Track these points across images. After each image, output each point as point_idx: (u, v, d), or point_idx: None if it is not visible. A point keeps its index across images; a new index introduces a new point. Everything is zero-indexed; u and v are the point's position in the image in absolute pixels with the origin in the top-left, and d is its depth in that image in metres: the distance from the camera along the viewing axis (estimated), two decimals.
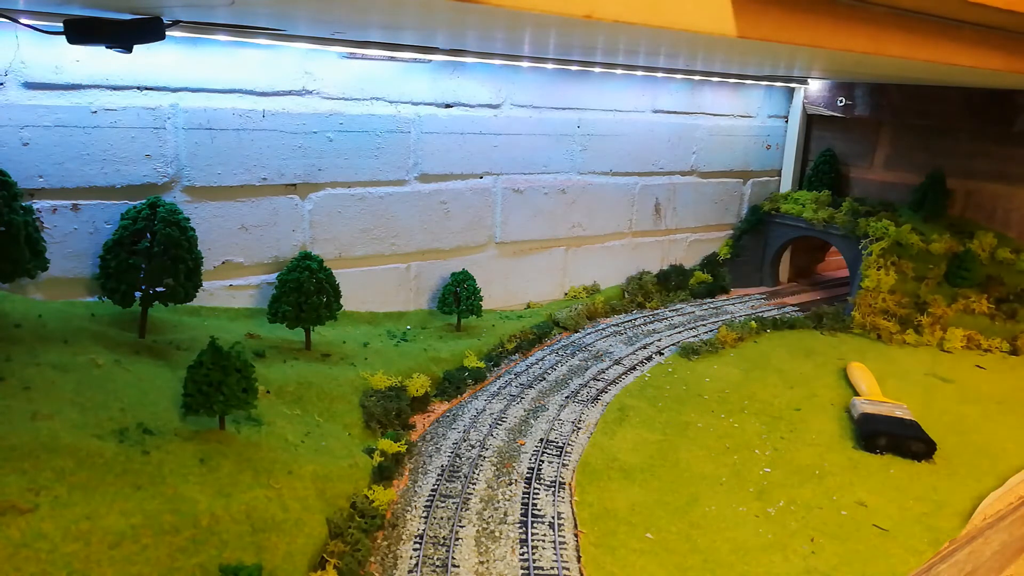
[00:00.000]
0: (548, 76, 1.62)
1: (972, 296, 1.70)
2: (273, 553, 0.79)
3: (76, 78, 1.12)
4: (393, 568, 0.83)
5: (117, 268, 1.07)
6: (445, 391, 1.28)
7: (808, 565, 0.88)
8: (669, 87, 1.85)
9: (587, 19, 0.61)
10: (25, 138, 1.10)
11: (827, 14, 0.80)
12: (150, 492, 0.77)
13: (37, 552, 0.67)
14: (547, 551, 0.88)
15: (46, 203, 1.14)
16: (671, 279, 1.94)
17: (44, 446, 0.76)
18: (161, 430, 0.87)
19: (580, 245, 1.82)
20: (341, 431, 1.07)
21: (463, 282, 1.49)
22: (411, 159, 1.49)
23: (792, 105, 2.14)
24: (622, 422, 1.21)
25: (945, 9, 0.88)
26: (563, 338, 1.58)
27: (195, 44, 1.19)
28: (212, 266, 1.30)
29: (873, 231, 1.81)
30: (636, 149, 1.84)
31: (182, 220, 1.10)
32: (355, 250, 1.47)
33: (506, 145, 1.61)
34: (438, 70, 1.47)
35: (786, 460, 1.12)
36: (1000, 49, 1.04)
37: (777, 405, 1.32)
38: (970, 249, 1.74)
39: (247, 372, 0.89)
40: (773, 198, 2.12)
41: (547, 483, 1.02)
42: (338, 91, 1.36)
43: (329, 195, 1.41)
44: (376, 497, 0.93)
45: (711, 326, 1.70)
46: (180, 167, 1.24)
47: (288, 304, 1.21)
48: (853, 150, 2.10)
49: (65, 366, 0.93)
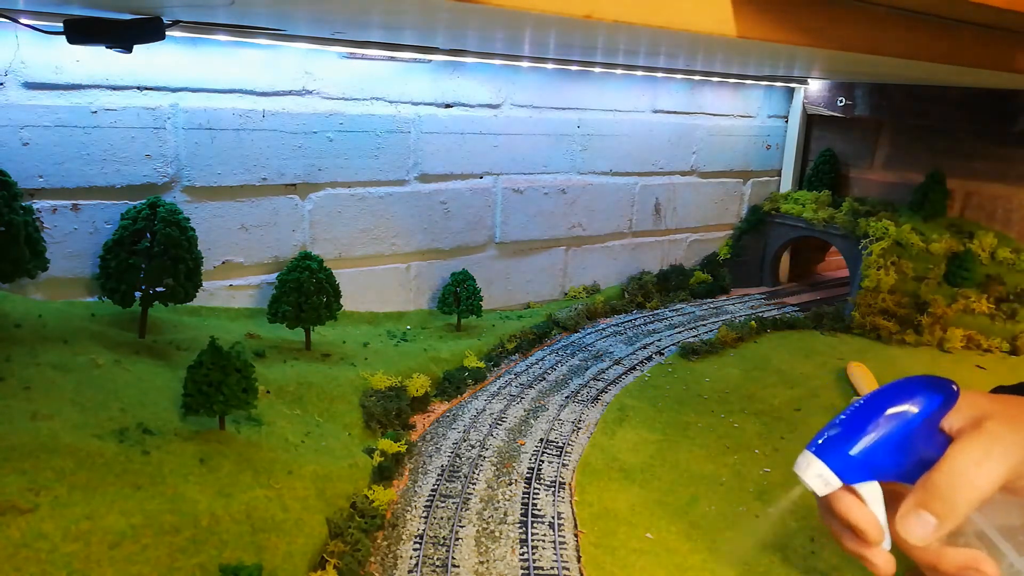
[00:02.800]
0: (548, 76, 1.62)
1: (972, 296, 1.70)
2: (273, 553, 0.79)
3: (76, 78, 1.12)
4: (393, 568, 0.83)
5: (117, 268, 1.07)
6: (445, 391, 1.28)
7: (808, 565, 0.88)
8: (669, 87, 1.85)
9: (587, 19, 0.61)
10: (25, 138, 1.10)
11: (827, 14, 0.80)
12: (150, 492, 0.77)
13: (37, 552, 0.67)
14: (547, 551, 0.88)
15: (46, 203, 1.14)
16: (671, 279, 1.94)
17: (44, 446, 0.76)
18: (161, 430, 0.87)
19: (580, 245, 1.82)
20: (341, 431, 1.07)
21: (463, 282, 1.49)
22: (411, 159, 1.49)
23: (792, 105, 2.14)
24: (622, 422, 1.21)
25: (945, 9, 0.88)
26: (563, 338, 1.58)
27: (195, 44, 1.19)
28: (212, 266, 1.30)
29: (873, 231, 1.81)
30: (636, 149, 1.84)
31: (182, 220, 1.10)
32: (355, 250, 1.47)
33: (506, 145, 1.61)
34: (438, 70, 1.47)
35: (786, 460, 1.12)
36: (1000, 49, 1.04)
37: (777, 405, 1.32)
38: (970, 249, 1.74)
39: (247, 372, 0.89)
40: (773, 198, 2.12)
41: (547, 483, 1.02)
42: (338, 91, 1.36)
43: (329, 195, 1.41)
44: (376, 497, 0.93)
45: (711, 326, 1.70)
46: (180, 167, 1.24)
47: (288, 304, 1.21)
48: (853, 150, 2.10)
49: (65, 366, 0.93)
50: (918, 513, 0.50)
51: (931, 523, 0.50)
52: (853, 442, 0.51)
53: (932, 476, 0.49)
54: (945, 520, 0.49)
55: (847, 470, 0.51)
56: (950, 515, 0.49)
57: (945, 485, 0.49)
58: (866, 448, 0.51)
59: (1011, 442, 0.49)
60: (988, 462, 0.49)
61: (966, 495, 0.49)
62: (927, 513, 0.50)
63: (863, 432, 0.51)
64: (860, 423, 0.51)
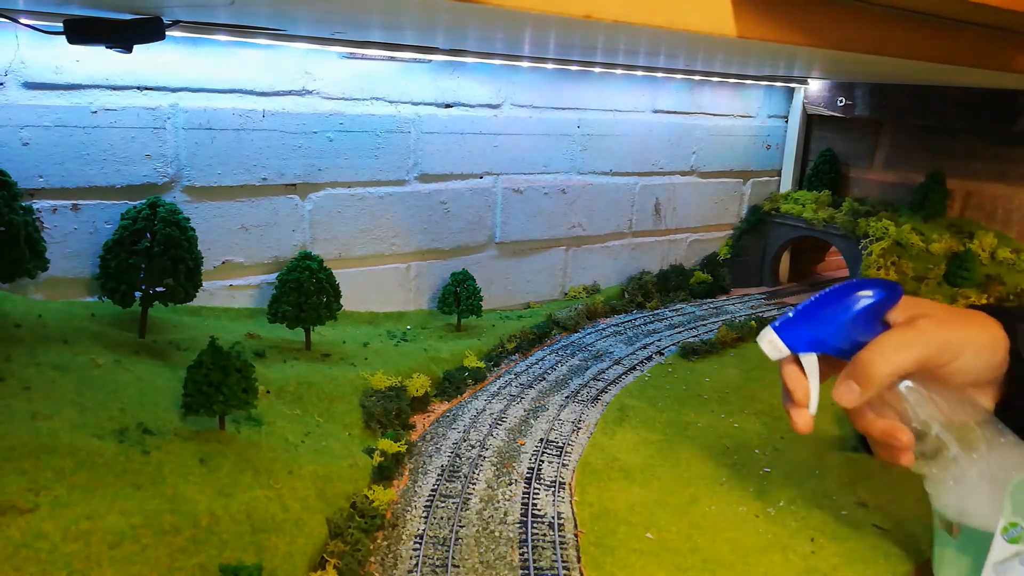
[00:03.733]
0: (548, 76, 1.62)
1: (972, 296, 1.70)
2: (273, 553, 0.79)
3: (76, 78, 1.12)
4: (393, 568, 0.83)
5: (117, 268, 1.07)
6: (445, 391, 1.28)
7: (808, 565, 0.88)
8: (669, 87, 1.85)
9: (587, 19, 0.61)
10: (25, 138, 1.10)
11: (827, 14, 0.80)
12: (150, 492, 0.77)
13: (37, 552, 0.67)
14: (547, 551, 0.88)
15: (46, 203, 1.14)
16: (671, 279, 1.94)
17: (44, 446, 0.76)
18: (161, 430, 0.87)
19: (580, 245, 1.82)
20: (341, 431, 1.07)
21: (463, 282, 1.49)
22: (411, 159, 1.49)
23: (792, 105, 2.14)
24: (622, 422, 1.21)
25: (945, 9, 0.88)
26: (563, 338, 1.58)
27: (195, 44, 1.19)
28: (212, 266, 1.30)
29: (873, 231, 1.81)
30: (636, 149, 1.84)
31: (182, 220, 1.10)
32: (355, 250, 1.47)
33: (506, 145, 1.61)
34: (438, 70, 1.47)
35: (786, 460, 1.12)
36: (1000, 49, 1.04)
37: (777, 405, 1.32)
38: (970, 249, 1.74)
39: (247, 372, 0.89)
40: (773, 198, 2.12)
41: (547, 483, 1.02)
42: (338, 91, 1.36)
43: (329, 195, 1.41)
44: (376, 497, 0.93)
45: (711, 326, 1.70)
46: (180, 167, 1.24)
47: (288, 304, 1.21)
48: (853, 150, 2.10)
49: (65, 366, 0.93)
50: (847, 382, 0.62)
51: (855, 390, 0.61)
52: (799, 321, 0.64)
53: (860, 354, 0.61)
54: (866, 388, 0.61)
55: (793, 341, 0.64)
56: (869, 385, 0.60)
57: (867, 361, 0.60)
58: (809, 326, 0.64)
59: (931, 335, 0.60)
60: (906, 348, 0.60)
61: (881, 370, 0.60)
62: (853, 382, 0.61)
63: (810, 314, 0.64)
64: (810, 308, 0.64)
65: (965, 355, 0.61)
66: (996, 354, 0.63)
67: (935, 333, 0.61)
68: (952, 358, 0.61)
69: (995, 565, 0.64)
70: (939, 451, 0.63)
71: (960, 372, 0.62)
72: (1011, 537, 0.63)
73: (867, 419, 0.64)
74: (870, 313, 0.63)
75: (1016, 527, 0.62)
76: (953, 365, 0.61)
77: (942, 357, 0.61)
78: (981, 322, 0.64)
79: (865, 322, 0.63)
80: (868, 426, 0.64)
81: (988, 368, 0.63)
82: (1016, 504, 0.62)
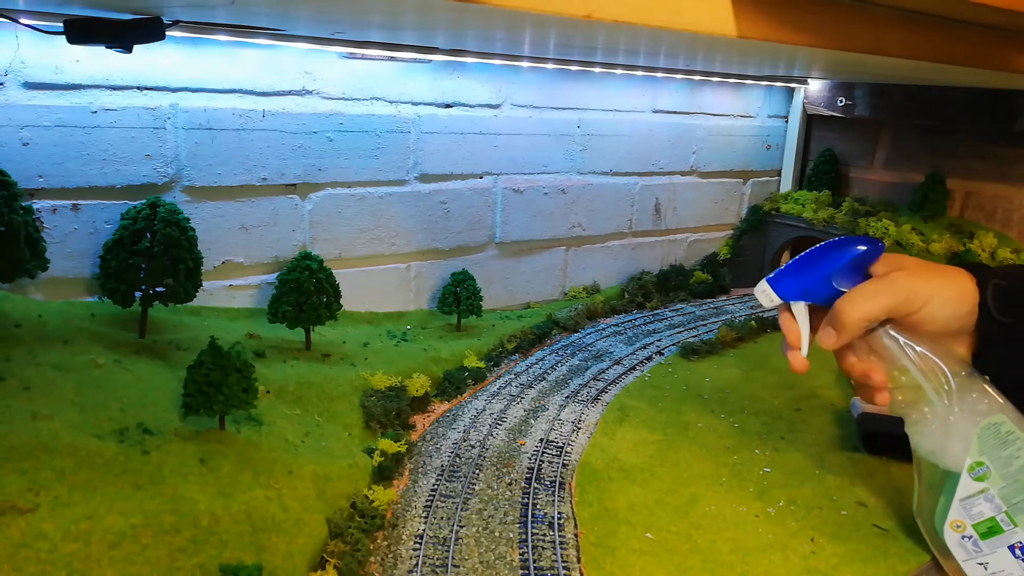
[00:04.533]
0: (548, 76, 1.62)
1: None
2: (273, 553, 0.79)
3: (76, 78, 1.12)
4: (393, 568, 0.83)
5: (117, 268, 1.07)
6: (445, 391, 1.28)
7: (808, 565, 0.88)
8: (669, 87, 1.85)
9: (587, 19, 0.61)
10: (25, 138, 1.10)
11: (827, 14, 0.80)
12: (150, 492, 0.77)
13: (37, 552, 0.67)
14: (547, 551, 0.88)
15: (46, 203, 1.14)
16: (671, 279, 1.94)
17: (44, 446, 0.76)
18: (161, 430, 0.87)
19: (580, 245, 1.82)
20: (341, 431, 1.07)
21: (463, 282, 1.49)
22: (411, 159, 1.49)
23: (792, 105, 2.14)
24: (622, 422, 1.21)
25: (945, 9, 0.88)
26: (563, 338, 1.58)
27: (195, 44, 1.19)
28: (212, 266, 1.30)
29: (873, 231, 1.81)
30: (636, 149, 1.84)
31: (182, 220, 1.10)
32: (355, 250, 1.47)
33: (506, 145, 1.61)
34: (438, 70, 1.47)
35: (786, 460, 1.12)
36: (1000, 49, 1.04)
37: (777, 405, 1.32)
38: (970, 249, 1.74)
39: (247, 372, 0.89)
40: (773, 198, 2.12)
41: (547, 483, 1.02)
42: (338, 91, 1.36)
43: (329, 195, 1.41)
44: (376, 497, 0.93)
45: (711, 326, 1.70)
46: (180, 167, 1.24)
47: (288, 304, 1.21)
48: (853, 150, 2.10)
49: (65, 366, 0.93)
50: (826, 328, 0.70)
51: (832, 334, 0.69)
52: (790, 273, 0.73)
53: (836, 302, 0.69)
54: (841, 333, 0.69)
55: (783, 291, 0.73)
56: (843, 330, 0.68)
57: (841, 309, 0.68)
58: (798, 277, 0.72)
59: (900, 285, 0.68)
60: (875, 296, 0.68)
61: (851, 315, 0.68)
62: (830, 328, 0.69)
63: (799, 267, 0.72)
64: (800, 261, 0.73)
65: (932, 304, 0.68)
66: (963, 305, 0.70)
67: (904, 283, 0.67)
68: (920, 306, 0.68)
69: (962, 501, 0.71)
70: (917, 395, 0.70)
71: (929, 320, 0.68)
72: (977, 475, 0.70)
73: (849, 362, 0.73)
74: (853, 266, 0.70)
75: (982, 466, 0.70)
76: (921, 313, 0.68)
77: (911, 305, 0.67)
78: (951, 275, 0.71)
79: (848, 274, 0.70)
80: (849, 368, 0.73)
81: (954, 318, 0.69)
82: (983, 444, 0.69)
